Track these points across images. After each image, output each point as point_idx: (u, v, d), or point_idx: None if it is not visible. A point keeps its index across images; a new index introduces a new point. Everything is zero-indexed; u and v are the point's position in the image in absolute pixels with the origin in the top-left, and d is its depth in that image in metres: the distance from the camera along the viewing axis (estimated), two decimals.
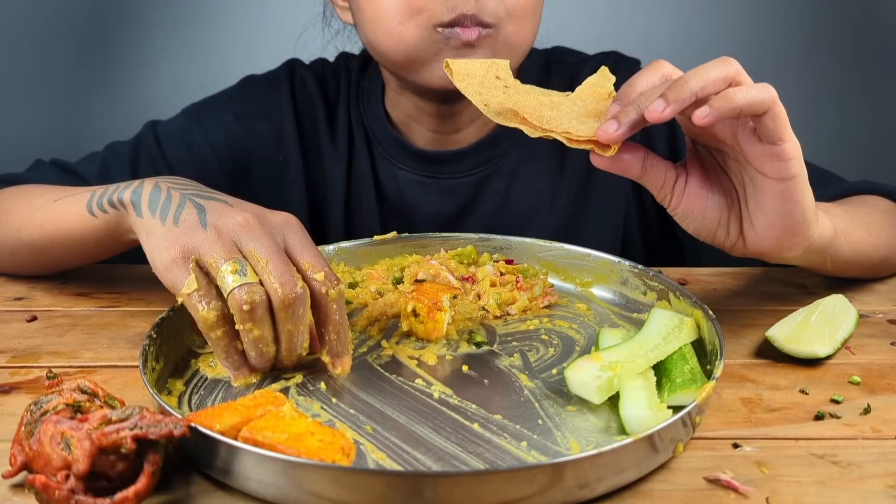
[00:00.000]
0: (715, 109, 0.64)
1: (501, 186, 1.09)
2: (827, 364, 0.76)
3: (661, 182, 0.72)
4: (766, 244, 0.72)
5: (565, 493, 0.55)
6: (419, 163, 1.09)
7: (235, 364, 0.70)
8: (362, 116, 1.11)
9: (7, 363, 0.78)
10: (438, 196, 1.09)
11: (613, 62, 1.11)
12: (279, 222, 0.72)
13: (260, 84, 1.13)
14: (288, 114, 1.10)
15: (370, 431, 0.64)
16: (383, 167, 1.10)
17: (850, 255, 0.84)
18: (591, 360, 0.68)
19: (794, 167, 0.68)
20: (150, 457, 0.56)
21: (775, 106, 0.66)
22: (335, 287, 0.70)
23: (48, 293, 0.94)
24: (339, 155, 1.11)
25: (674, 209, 0.74)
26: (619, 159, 0.69)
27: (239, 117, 1.10)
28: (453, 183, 1.09)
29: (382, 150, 1.10)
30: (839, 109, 1.81)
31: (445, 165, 1.08)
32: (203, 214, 0.71)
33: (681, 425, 0.60)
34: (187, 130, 1.09)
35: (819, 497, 0.58)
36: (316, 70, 1.14)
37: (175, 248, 0.69)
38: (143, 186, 0.77)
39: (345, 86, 1.12)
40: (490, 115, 0.70)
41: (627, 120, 0.66)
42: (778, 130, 0.66)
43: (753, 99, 0.65)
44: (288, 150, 1.10)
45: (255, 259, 0.68)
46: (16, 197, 0.95)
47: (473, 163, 1.08)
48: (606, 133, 0.66)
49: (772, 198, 0.70)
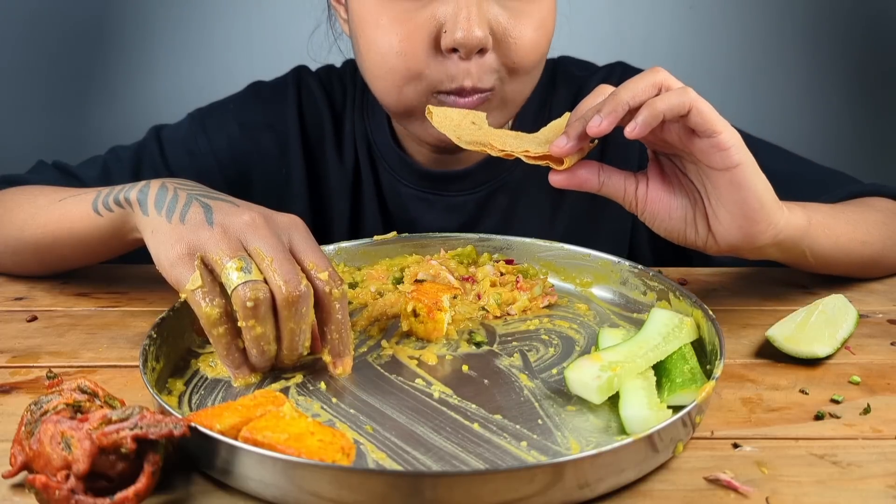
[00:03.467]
0: (641, 120, 0.69)
1: (506, 203, 1.09)
2: (827, 364, 0.77)
3: (622, 191, 0.77)
4: (732, 236, 0.75)
5: (565, 492, 0.55)
6: (423, 180, 1.08)
7: (236, 362, 0.70)
8: (366, 129, 1.10)
9: (7, 363, 0.78)
10: (443, 212, 1.09)
11: (620, 73, 1.10)
12: (285, 222, 0.72)
13: (266, 93, 1.12)
14: (294, 125, 1.09)
15: (370, 431, 0.64)
16: (387, 181, 1.09)
17: (830, 250, 0.86)
18: (591, 360, 0.68)
19: (735, 155, 0.72)
20: (150, 457, 0.56)
21: (696, 103, 0.70)
22: (338, 287, 0.70)
23: (48, 293, 0.94)
24: (345, 170, 1.10)
25: (641, 213, 0.78)
26: (576, 175, 0.75)
27: (244, 127, 1.09)
28: (458, 200, 1.08)
29: (386, 165, 1.09)
30: (840, 109, 1.81)
31: (450, 184, 1.08)
32: (209, 213, 0.71)
33: (681, 425, 0.60)
34: (191, 138, 1.09)
35: (819, 497, 0.58)
36: (322, 78, 1.13)
37: (181, 245, 0.70)
38: (150, 186, 0.77)
39: (350, 96, 1.11)
40: (462, 144, 0.77)
41: (575, 133, 0.72)
42: (707, 125, 0.70)
43: (672, 103, 0.69)
44: (291, 164, 1.09)
45: (260, 257, 0.68)
46: (19, 197, 0.95)
47: (478, 180, 1.08)
48: (557, 147, 0.72)
49: (725, 188, 0.73)
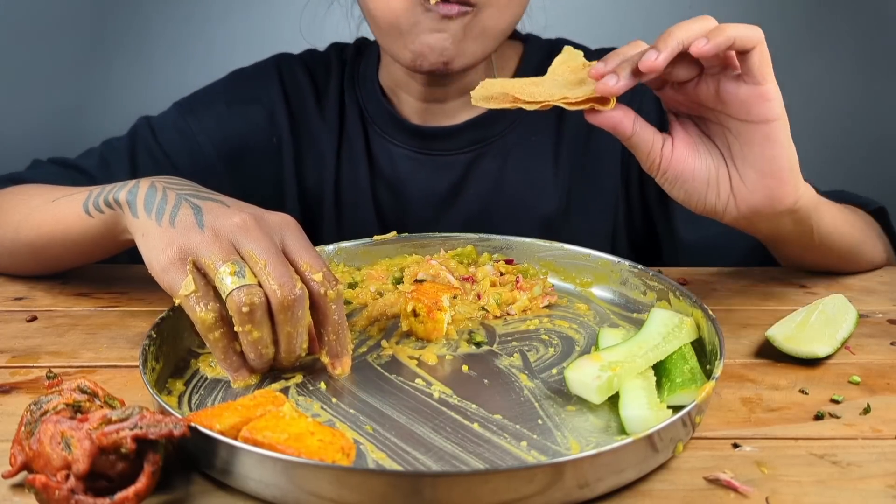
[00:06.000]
0: (712, 40, 0.68)
1: (494, 167, 1.11)
2: (827, 364, 0.77)
3: (650, 144, 0.74)
4: (757, 197, 0.75)
5: (565, 492, 0.55)
6: (413, 138, 1.11)
7: (234, 366, 0.70)
8: (357, 97, 1.14)
9: (7, 363, 0.78)
10: (431, 172, 1.11)
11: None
12: (277, 222, 0.71)
13: (249, 74, 1.17)
14: (279, 98, 1.13)
15: (370, 431, 0.64)
16: (378, 143, 1.13)
17: (831, 228, 0.87)
18: (591, 360, 0.68)
19: (776, 108, 0.72)
20: (150, 457, 0.56)
21: (761, 44, 0.70)
22: (333, 287, 0.70)
23: (48, 293, 0.94)
24: (328, 128, 1.13)
25: (663, 173, 0.76)
26: (612, 115, 0.72)
27: (231, 104, 1.13)
28: (446, 160, 1.11)
29: (377, 128, 1.12)
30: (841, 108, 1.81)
31: (438, 142, 1.11)
32: (199, 215, 0.71)
33: (681, 425, 0.60)
34: (181, 120, 1.12)
35: (819, 497, 0.58)
36: (305, 59, 1.18)
37: (172, 250, 0.69)
38: (139, 186, 0.77)
39: (337, 72, 1.15)
40: (479, 102, 0.74)
41: (625, 73, 0.70)
42: (764, 68, 0.71)
43: (744, 34, 0.69)
44: (281, 132, 1.13)
45: (254, 260, 0.68)
46: (15, 197, 0.95)
47: (466, 140, 1.10)
48: (607, 86, 0.70)
49: (759, 144, 0.73)
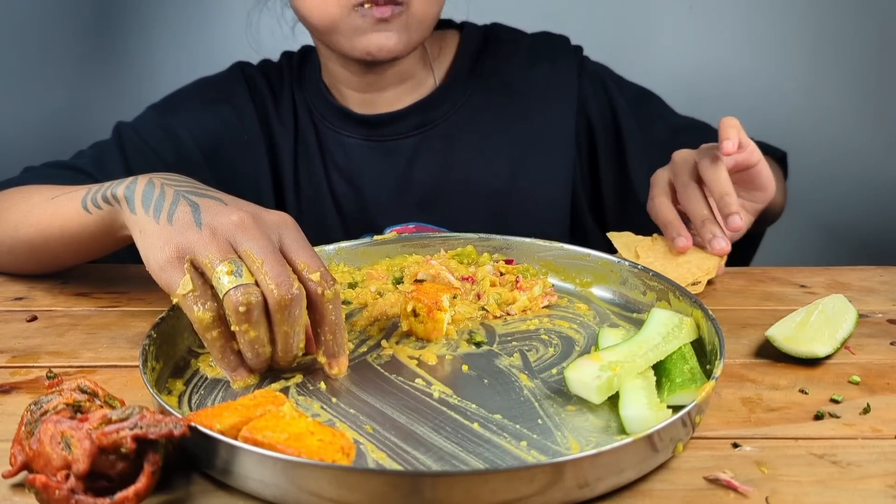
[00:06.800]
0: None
1: (442, 146, 1.16)
2: (826, 364, 0.77)
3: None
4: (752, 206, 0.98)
5: (565, 492, 0.55)
6: (360, 127, 1.17)
7: (232, 365, 0.70)
8: (305, 98, 1.20)
9: (7, 363, 0.78)
10: (382, 158, 1.17)
11: (544, 41, 1.21)
12: (274, 221, 0.71)
13: (216, 79, 1.22)
14: (246, 100, 1.19)
15: (370, 431, 0.64)
16: (329, 137, 1.18)
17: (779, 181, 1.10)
18: (591, 359, 0.68)
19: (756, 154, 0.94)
20: (150, 457, 0.56)
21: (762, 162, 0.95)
22: (331, 287, 0.69)
23: (48, 293, 0.94)
24: (286, 131, 1.19)
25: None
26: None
27: (205, 104, 1.18)
28: (395, 144, 1.17)
29: (327, 123, 1.18)
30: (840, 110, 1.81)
31: (385, 128, 1.16)
32: (197, 213, 0.70)
33: (680, 425, 0.60)
34: (160, 118, 1.16)
35: (819, 497, 0.58)
36: (262, 68, 1.24)
37: (169, 248, 0.69)
38: (137, 182, 0.76)
39: (287, 77, 1.22)
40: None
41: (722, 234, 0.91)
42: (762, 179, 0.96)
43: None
44: (251, 130, 1.18)
45: (251, 259, 0.67)
46: (14, 196, 0.95)
47: (412, 124, 1.16)
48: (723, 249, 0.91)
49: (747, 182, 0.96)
